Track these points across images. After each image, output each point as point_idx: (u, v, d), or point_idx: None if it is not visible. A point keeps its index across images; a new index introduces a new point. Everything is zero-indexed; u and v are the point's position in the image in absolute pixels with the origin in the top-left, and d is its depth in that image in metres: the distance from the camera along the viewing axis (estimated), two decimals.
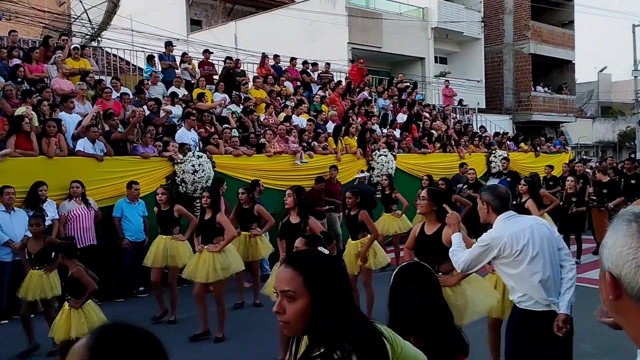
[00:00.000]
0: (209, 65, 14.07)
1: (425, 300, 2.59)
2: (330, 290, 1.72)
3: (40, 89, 9.74)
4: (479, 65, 25.19)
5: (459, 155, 14.80)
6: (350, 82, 16.34)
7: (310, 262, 1.79)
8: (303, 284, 1.71)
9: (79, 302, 5.32)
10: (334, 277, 1.76)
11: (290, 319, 1.72)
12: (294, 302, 1.71)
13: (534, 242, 3.70)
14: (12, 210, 7.76)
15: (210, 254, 6.60)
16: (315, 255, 1.88)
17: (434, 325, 2.53)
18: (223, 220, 6.75)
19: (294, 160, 11.43)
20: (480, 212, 3.94)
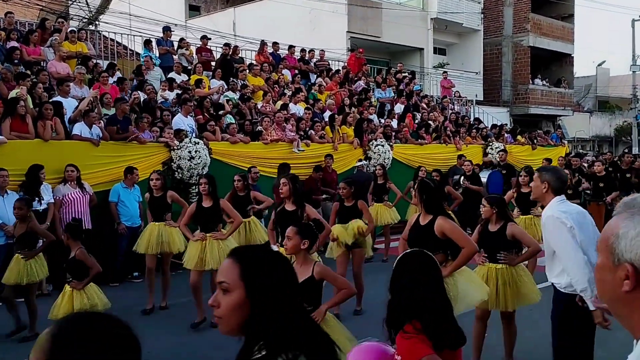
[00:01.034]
0: (207, 52, 13.99)
1: (429, 292, 2.58)
2: (269, 285, 1.55)
3: (37, 72, 9.68)
4: (478, 57, 25.12)
5: (456, 146, 14.79)
6: (349, 71, 16.28)
7: (252, 254, 1.64)
8: (239, 275, 1.56)
9: (81, 284, 5.36)
10: (275, 271, 1.59)
11: (223, 313, 1.57)
12: (228, 295, 1.56)
13: (588, 227, 3.80)
14: (5, 193, 7.74)
15: (216, 241, 6.58)
16: (260, 248, 1.75)
17: (437, 320, 2.52)
18: (228, 207, 6.74)
19: (291, 149, 11.41)
20: (536, 190, 4.05)
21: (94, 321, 1.22)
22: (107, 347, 1.17)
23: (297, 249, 4.09)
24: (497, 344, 5.34)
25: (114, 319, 1.24)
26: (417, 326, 2.45)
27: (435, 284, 2.66)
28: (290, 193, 6.14)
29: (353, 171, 11.92)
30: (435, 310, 2.54)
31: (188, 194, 9.77)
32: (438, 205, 4.73)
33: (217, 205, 6.68)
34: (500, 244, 5.10)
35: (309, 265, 4.08)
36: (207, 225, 6.71)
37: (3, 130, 8.10)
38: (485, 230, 5.24)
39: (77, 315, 1.24)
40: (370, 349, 2.51)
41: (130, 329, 1.25)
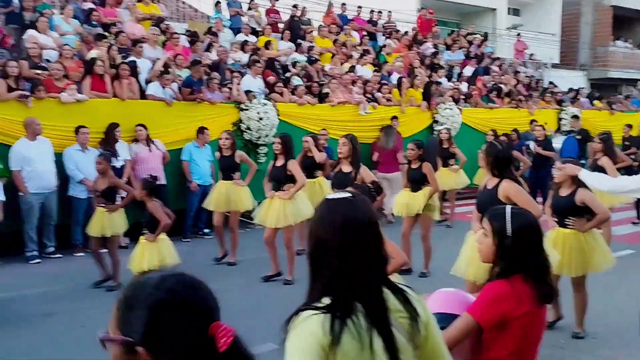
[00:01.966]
0: (275, 13, 14.00)
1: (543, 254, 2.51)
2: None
3: (116, 34, 9.99)
4: (555, 17, 23.92)
5: (529, 111, 14.28)
6: (417, 32, 15.90)
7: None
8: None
9: (152, 236, 5.55)
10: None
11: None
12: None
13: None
14: (86, 150, 8.13)
15: (281, 200, 6.71)
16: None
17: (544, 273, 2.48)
18: (294, 168, 6.81)
19: (357, 111, 11.35)
20: None
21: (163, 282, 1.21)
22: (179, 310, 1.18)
23: None
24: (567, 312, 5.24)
25: (185, 277, 1.24)
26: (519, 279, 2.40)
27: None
28: (349, 153, 6.10)
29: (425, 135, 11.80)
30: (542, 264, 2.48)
31: (256, 154, 9.96)
32: (504, 168, 4.62)
33: (286, 165, 6.78)
34: (569, 209, 5.01)
35: None
36: (278, 184, 6.87)
37: (83, 89, 8.46)
38: (556, 195, 5.16)
39: (139, 281, 1.24)
40: (451, 294, 2.52)
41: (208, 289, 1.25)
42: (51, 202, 7.89)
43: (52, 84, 8.24)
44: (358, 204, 1.63)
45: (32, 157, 7.60)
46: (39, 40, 9.13)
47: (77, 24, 10.25)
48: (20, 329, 5.40)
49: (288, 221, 6.69)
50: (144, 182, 5.87)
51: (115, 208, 6.55)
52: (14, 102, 7.78)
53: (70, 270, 7.36)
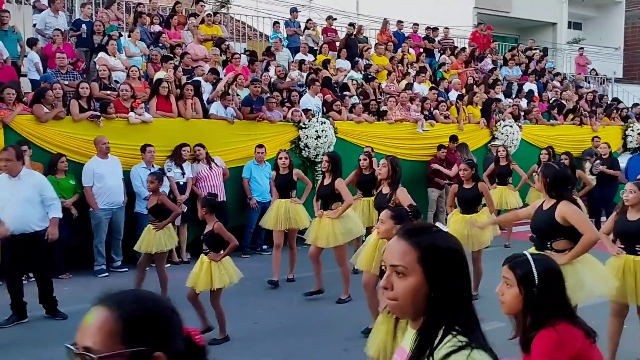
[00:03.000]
0: (332, 32, 14.17)
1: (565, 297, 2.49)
2: (448, 271, 1.55)
3: (181, 55, 10.37)
4: (618, 31, 23.20)
5: (592, 128, 13.87)
6: (475, 49, 15.74)
7: (428, 236, 1.59)
8: (417, 259, 1.54)
9: (218, 256, 5.57)
10: (453, 256, 1.58)
11: (399, 296, 1.55)
12: (404, 279, 1.54)
13: None
14: (152, 167, 8.42)
15: (330, 219, 6.71)
16: (432, 230, 1.65)
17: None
18: (341, 187, 6.77)
19: (415, 128, 11.32)
20: None
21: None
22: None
23: (389, 234, 3.94)
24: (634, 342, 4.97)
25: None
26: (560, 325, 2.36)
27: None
28: (388, 175, 6.02)
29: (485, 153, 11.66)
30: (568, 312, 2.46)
31: (314, 172, 10.07)
32: (562, 189, 4.45)
33: (334, 184, 6.77)
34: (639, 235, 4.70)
35: None
36: (326, 203, 6.89)
37: (150, 109, 8.80)
38: (623, 219, 4.82)
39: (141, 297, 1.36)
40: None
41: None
42: (119, 217, 8.20)
43: (121, 104, 8.61)
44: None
45: (103, 174, 7.93)
46: (108, 62, 9.57)
47: (144, 46, 10.68)
48: None
49: (338, 241, 6.67)
50: (204, 200, 5.90)
51: (162, 225, 6.61)
52: (86, 122, 8.16)
53: None
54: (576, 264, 4.30)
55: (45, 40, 9.96)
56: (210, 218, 5.66)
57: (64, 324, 6.03)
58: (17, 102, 7.81)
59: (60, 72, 9.15)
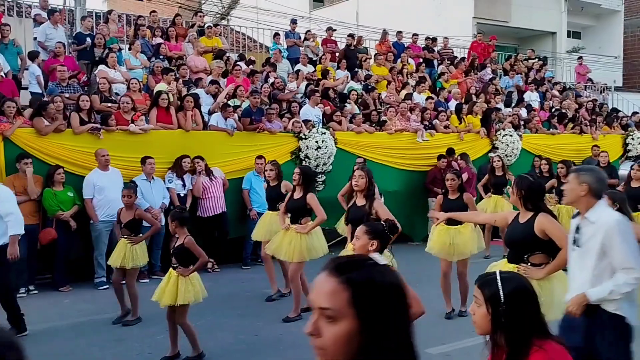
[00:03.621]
0: (332, 43, 14.22)
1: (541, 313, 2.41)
2: (386, 313, 1.32)
3: (178, 67, 10.41)
4: (617, 39, 23.27)
5: (592, 136, 13.87)
6: (475, 58, 15.79)
7: (361, 273, 1.34)
8: (348, 301, 1.31)
9: (187, 270, 5.33)
10: (389, 294, 1.35)
11: (327, 345, 1.31)
12: (333, 324, 1.31)
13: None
14: (152, 179, 8.43)
15: (297, 234, 6.47)
16: (366, 263, 1.40)
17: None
18: (313, 202, 6.49)
19: (415, 138, 11.33)
20: (572, 192, 3.60)
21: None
22: None
23: (364, 250, 3.78)
24: None
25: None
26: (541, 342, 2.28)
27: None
28: (365, 186, 5.62)
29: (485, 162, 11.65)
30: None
31: (314, 183, 10.07)
32: (538, 200, 4.33)
33: (305, 198, 6.50)
34: None
35: None
36: (295, 216, 6.63)
37: (150, 121, 8.82)
38: None
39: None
40: None
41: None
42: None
43: (121, 116, 8.63)
44: None
45: (103, 186, 7.95)
46: (108, 74, 9.61)
47: (145, 58, 10.73)
48: (92, 354, 5.59)
49: (302, 257, 6.45)
50: (174, 213, 5.61)
51: (138, 240, 6.48)
52: (86, 134, 8.19)
53: None
54: (553, 279, 4.20)
55: (47, 53, 10.01)
56: (181, 232, 5.44)
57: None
58: (17, 115, 7.84)
59: (61, 84, 9.19)
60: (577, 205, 3.67)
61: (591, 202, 3.56)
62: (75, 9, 12.44)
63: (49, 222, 7.79)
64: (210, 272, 8.77)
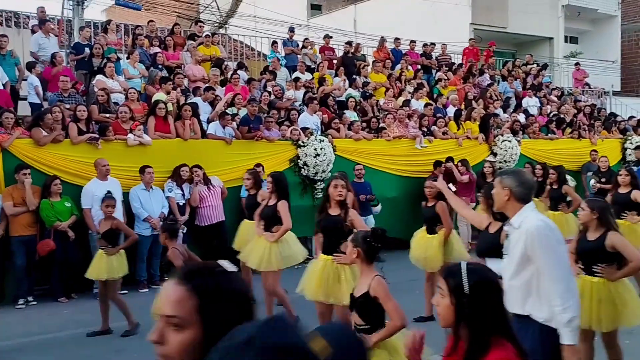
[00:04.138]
0: (330, 50, 14.26)
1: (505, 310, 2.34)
2: (231, 322, 1.26)
3: (174, 75, 10.43)
4: (615, 44, 23.33)
5: (591, 141, 13.89)
6: (472, 65, 15.82)
7: (208, 280, 1.33)
8: (195, 309, 1.30)
9: None
10: (241, 306, 1.34)
11: (172, 352, 1.30)
12: (179, 332, 1.30)
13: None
14: (150, 189, 8.43)
15: (267, 242, 6.30)
16: (215, 271, 1.38)
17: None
18: (283, 210, 6.29)
19: (414, 145, 11.33)
20: (497, 198, 3.44)
21: None
22: None
23: (349, 259, 3.84)
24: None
25: None
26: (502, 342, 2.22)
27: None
28: (346, 195, 5.35)
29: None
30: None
31: (313, 191, 10.07)
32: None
33: (277, 205, 6.31)
34: (598, 255, 4.51)
35: (368, 277, 3.72)
36: (268, 224, 6.45)
37: (148, 130, 8.82)
38: (583, 238, 4.65)
39: None
40: None
41: None
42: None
43: (120, 126, 8.63)
44: None
45: (102, 196, 7.91)
46: (106, 84, 9.62)
47: (143, 67, 10.74)
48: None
49: (271, 266, 6.27)
50: (164, 225, 5.58)
51: (114, 251, 6.39)
52: (85, 144, 8.19)
53: (135, 306, 7.51)
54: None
55: (40, 63, 10.03)
56: (171, 243, 5.40)
57: None
58: (15, 125, 7.84)
59: (62, 95, 9.20)
60: (505, 211, 3.48)
61: (516, 207, 3.37)
62: (74, 19, 12.47)
63: (47, 233, 7.77)
64: None
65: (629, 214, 7.30)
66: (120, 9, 17.35)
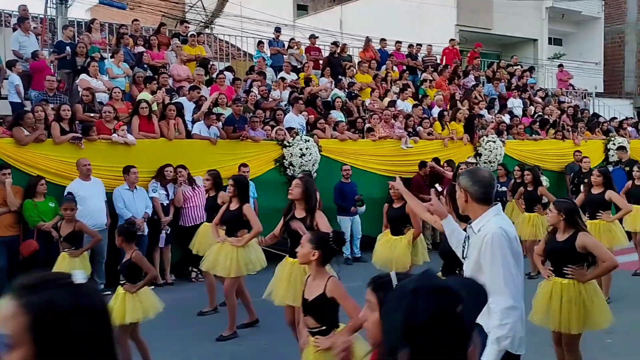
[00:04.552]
0: (316, 51, 14.26)
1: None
2: (66, 343, 1.16)
3: (159, 75, 10.37)
4: (598, 46, 23.61)
5: (574, 142, 14.02)
6: (457, 66, 15.91)
7: (45, 295, 1.18)
8: (26, 327, 1.16)
9: (134, 287, 5.13)
10: (79, 320, 1.19)
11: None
12: (11, 352, 1.15)
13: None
14: (134, 189, 8.37)
15: (233, 247, 6.10)
16: (58, 282, 1.24)
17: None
18: (250, 213, 6.18)
19: (399, 145, 11.37)
20: (458, 200, 3.23)
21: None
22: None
23: (306, 259, 3.70)
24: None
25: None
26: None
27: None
28: (302, 196, 5.19)
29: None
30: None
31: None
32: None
33: (241, 209, 6.17)
34: (568, 256, 4.50)
35: (322, 279, 3.66)
36: (231, 229, 6.31)
37: (132, 130, 8.76)
38: (552, 239, 4.65)
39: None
40: None
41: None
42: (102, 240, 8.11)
43: (103, 125, 8.56)
44: None
45: (86, 197, 7.84)
46: (90, 83, 9.54)
47: (127, 67, 10.67)
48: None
49: (240, 271, 6.14)
50: (121, 228, 5.42)
51: (78, 253, 6.31)
52: (67, 144, 8.11)
53: None
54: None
55: (23, 62, 9.93)
56: (128, 247, 5.25)
57: None
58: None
59: (47, 95, 9.11)
60: (468, 213, 3.22)
61: (477, 209, 3.10)
62: (57, 18, 12.35)
63: (30, 233, 7.68)
64: (195, 282, 8.72)
65: (603, 213, 7.41)
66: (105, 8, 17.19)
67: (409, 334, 1.32)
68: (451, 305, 1.35)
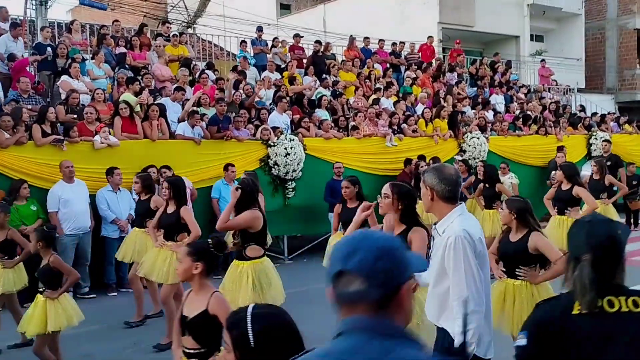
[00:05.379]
0: (299, 50, 14.23)
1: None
2: None
3: (142, 75, 10.28)
4: (579, 42, 23.80)
5: (557, 137, 14.14)
6: (441, 63, 15.97)
7: None
8: None
9: (55, 293, 4.93)
10: None
11: None
12: None
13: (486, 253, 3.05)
14: (118, 190, 8.29)
15: (172, 252, 5.82)
16: None
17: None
18: (188, 216, 5.96)
19: (384, 143, 11.38)
20: (423, 198, 3.10)
21: None
22: None
23: (187, 275, 3.37)
24: None
25: None
26: None
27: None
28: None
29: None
30: None
31: (285, 190, 10.05)
32: (413, 214, 3.94)
33: (179, 212, 5.94)
34: (520, 257, 4.41)
35: (205, 294, 3.33)
36: (169, 233, 6.10)
37: (115, 131, 8.67)
38: (506, 239, 4.55)
39: None
40: None
41: None
42: (85, 242, 8.04)
43: (85, 127, 8.47)
44: None
45: (69, 199, 7.78)
46: (72, 85, 9.43)
47: (109, 68, 10.57)
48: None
49: (165, 277, 5.91)
50: (40, 233, 5.11)
51: (11, 264, 5.99)
52: (49, 146, 8.01)
53: (104, 310, 7.43)
54: (417, 295, 3.89)
55: (5, 65, 9.79)
56: (46, 252, 5.02)
57: None
58: None
59: (22, 96, 8.98)
60: (432, 213, 3.12)
61: (443, 208, 3.01)
62: (37, 19, 12.20)
63: None
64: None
65: (571, 210, 7.48)
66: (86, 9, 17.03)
67: (589, 247, 2.04)
68: (615, 231, 2.08)
